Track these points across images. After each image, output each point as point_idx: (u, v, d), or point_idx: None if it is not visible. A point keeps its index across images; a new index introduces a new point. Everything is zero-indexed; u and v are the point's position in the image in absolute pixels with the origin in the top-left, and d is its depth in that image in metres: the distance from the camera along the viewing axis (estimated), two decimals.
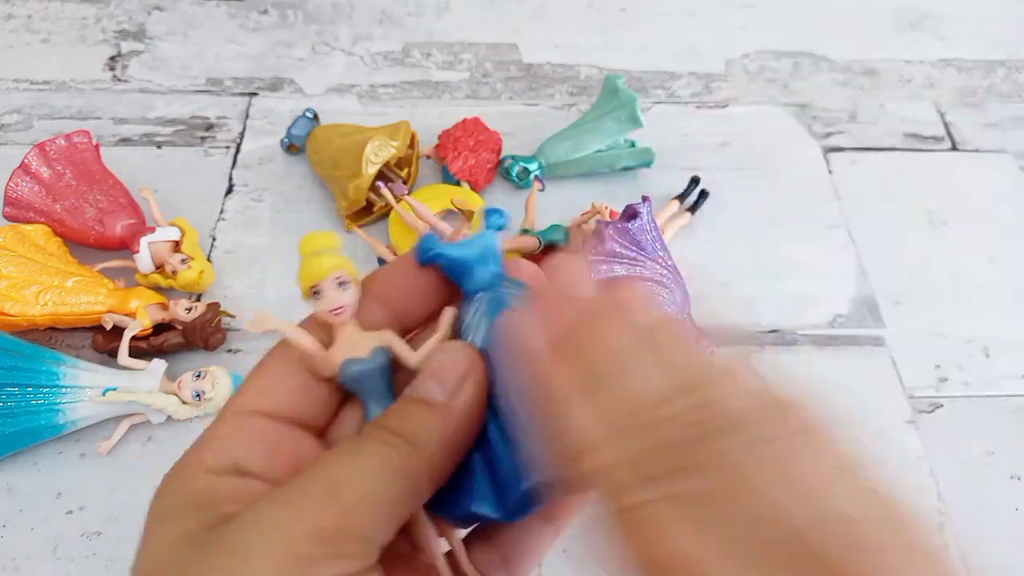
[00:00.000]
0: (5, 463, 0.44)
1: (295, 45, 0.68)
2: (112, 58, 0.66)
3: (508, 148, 0.59)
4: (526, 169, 0.57)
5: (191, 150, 0.60)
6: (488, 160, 0.57)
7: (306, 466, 0.17)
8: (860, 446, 0.14)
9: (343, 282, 0.20)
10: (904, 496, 0.13)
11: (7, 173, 0.51)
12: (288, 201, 0.57)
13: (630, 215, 0.47)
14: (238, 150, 0.60)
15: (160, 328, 0.48)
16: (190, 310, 0.48)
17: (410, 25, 0.70)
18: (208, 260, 0.53)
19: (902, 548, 0.13)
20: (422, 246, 0.21)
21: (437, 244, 0.21)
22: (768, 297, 0.53)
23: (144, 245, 0.50)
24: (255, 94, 0.64)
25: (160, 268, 0.50)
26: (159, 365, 0.46)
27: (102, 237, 0.51)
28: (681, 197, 0.57)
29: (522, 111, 0.64)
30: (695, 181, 0.57)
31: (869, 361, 0.51)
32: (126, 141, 0.60)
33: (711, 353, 0.17)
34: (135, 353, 0.46)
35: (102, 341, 0.48)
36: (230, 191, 0.58)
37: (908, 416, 0.48)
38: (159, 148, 0.60)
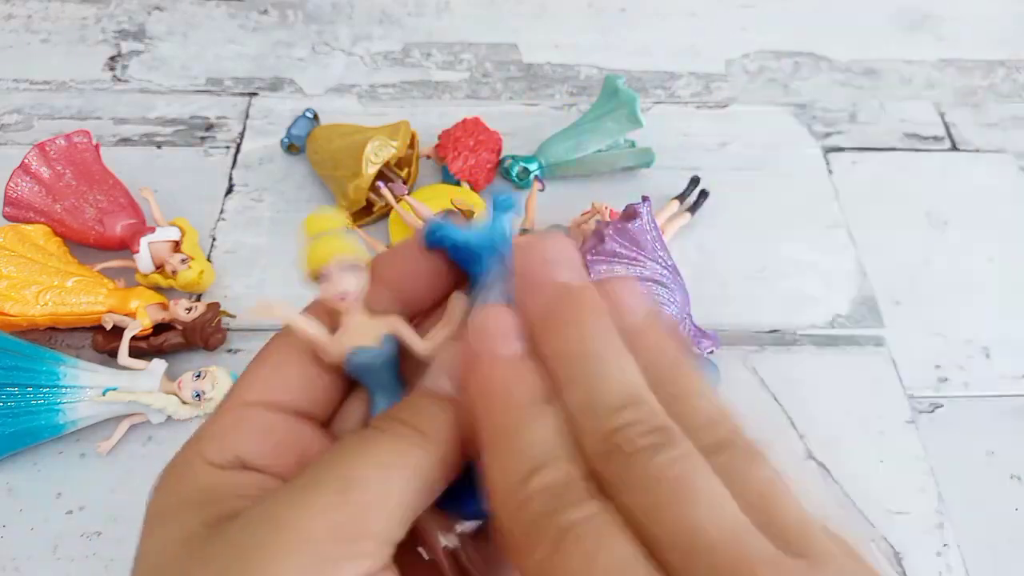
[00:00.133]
0: (5, 463, 0.44)
1: (295, 45, 0.68)
2: (112, 58, 0.66)
3: (508, 148, 0.59)
4: (526, 169, 0.57)
5: (191, 150, 0.60)
6: (488, 160, 0.57)
7: (314, 459, 0.17)
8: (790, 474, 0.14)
9: (350, 266, 0.19)
10: (853, 522, 0.14)
11: (7, 173, 0.51)
12: (288, 201, 0.57)
13: (630, 215, 0.47)
14: (238, 150, 0.60)
15: (160, 328, 0.48)
16: (190, 310, 0.48)
17: (410, 25, 0.70)
18: (208, 260, 0.53)
19: (845, 561, 0.13)
20: (433, 229, 0.20)
21: (444, 227, 0.20)
22: (768, 297, 0.53)
23: (144, 245, 0.50)
24: (255, 94, 0.64)
25: (160, 268, 0.50)
26: (159, 365, 0.46)
27: (102, 237, 0.51)
28: (681, 197, 0.57)
29: (522, 111, 0.64)
30: (695, 181, 0.57)
31: (869, 361, 0.51)
32: (126, 141, 0.60)
33: (692, 357, 0.16)
34: (135, 353, 0.46)
35: (102, 341, 0.48)
36: (230, 191, 0.58)
37: (908, 416, 0.48)
38: (159, 148, 0.60)
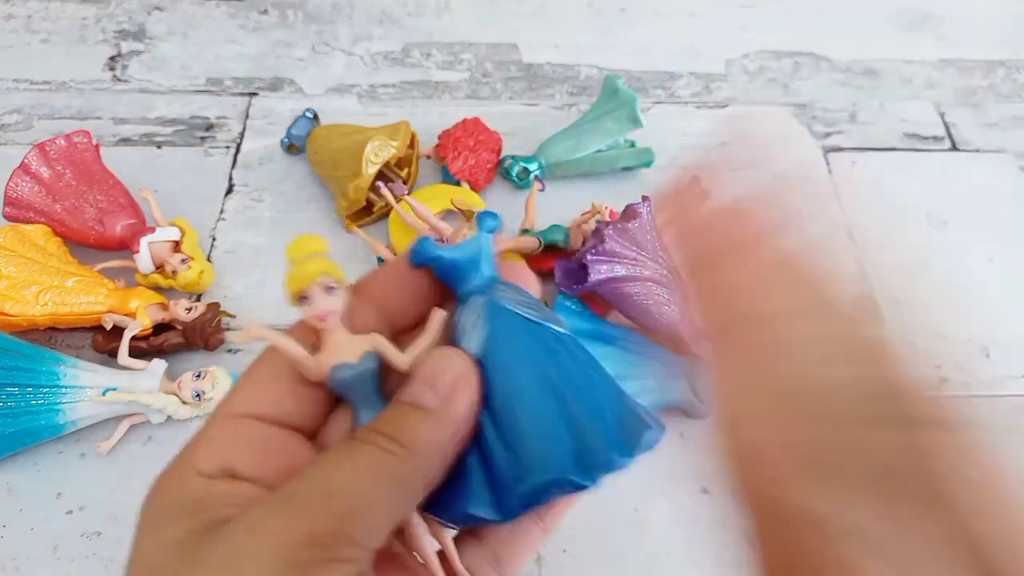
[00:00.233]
0: (5, 463, 0.44)
1: (295, 45, 0.68)
2: (112, 58, 0.66)
3: (508, 148, 0.59)
4: (526, 169, 0.57)
5: (191, 150, 0.60)
6: (488, 160, 0.57)
7: (299, 469, 0.17)
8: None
9: (330, 287, 0.20)
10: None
11: (7, 173, 0.51)
12: (288, 201, 0.57)
13: (630, 215, 0.47)
14: (238, 150, 0.60)
15: (160, 328, 0.48)
16: (190, 310, 0.48)
17: (410, 25, 0.70)
18: (208, 260, 0.53)
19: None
20: (418, 248, 0.21)
21: (433, 247, 0.21)
22: None
23: (144, 245, 0.50)
24: (255, 94, 0.64)
25: (160, 268, 0.50)
26: (159, 365, 0.46)
27: (102, 237, 0.51)
28: None
29: (522, 111, 0.64)
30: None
31: None
32: (126, 141, 0.60)
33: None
34: (135, 353, 0.46)
35: (102, 341, 0.48)
36: (230, 191, 0.58)
37: None
38: (159, 148, 0.60)
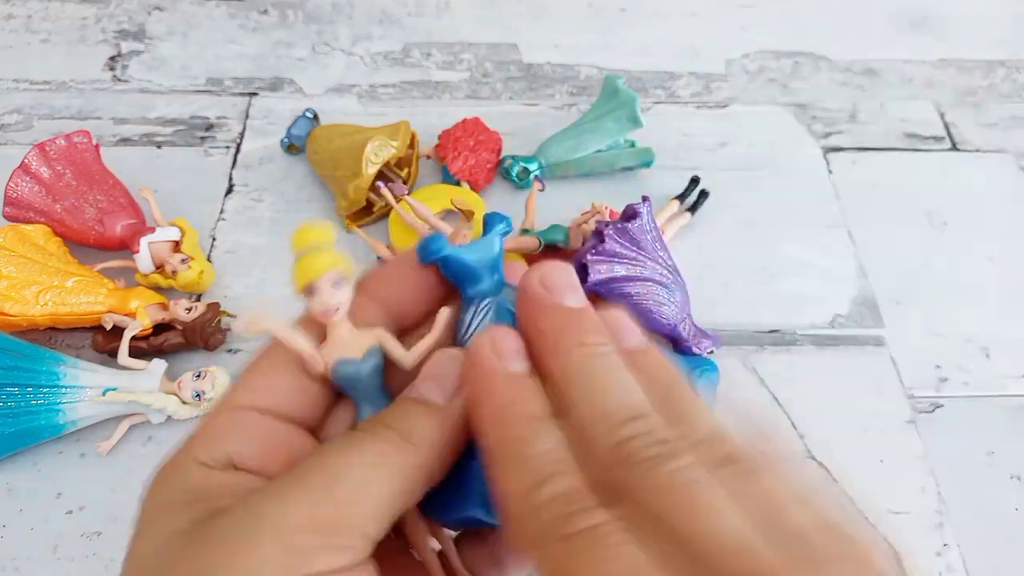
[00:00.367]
0: (5, 463, 0.44)
1: (295, 45, 0.68)
2: (112, 58, 0.66)
3: (508, 148, 0.59)
4: (526, 169, 0.57)
5: (191, 150, 0.60)
6: (488, 160, 0.57)
7: (301, 460, 0.17)
8: (814, 481, 0.14)
9: (338, 281, 0.19)
10: (856, 526, 0.13)
11: (7, 173, 0.51)
12: (288, 201, 0.57)
13: (630, 215, 0.47)
14: (238, 150, 0.60)
15: (160, 328, 0.48)
16: (190, 310, 0.48)
17: (410, 25, 0.70)
18: (208, 260, 0.53)
19: (848, 564, 0.13)
20: (431, 246, 0.20)
21: (445, 245, 0.20)
22: (768, 297, 0.53)
23: (144, 245, 0.50)
24: (255, 94, 0.64)
25: (160, 268, 0.50)
26: (159, 365, 0.46)
27: (102, 237, 0.51)
28: (681, 197, 0.57)
29: (522, 111, 0.64)
30: (695, 181, 0.57)
31: (869, 361, 0.51)
32: (126, 141, 0.60)
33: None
34: (135, 353, 0.46)
35: (102, 341, 0.48)
36: (230, 191, 0.58)
37: (908, 416, 0.48)
38: (159, 148, 0.60)
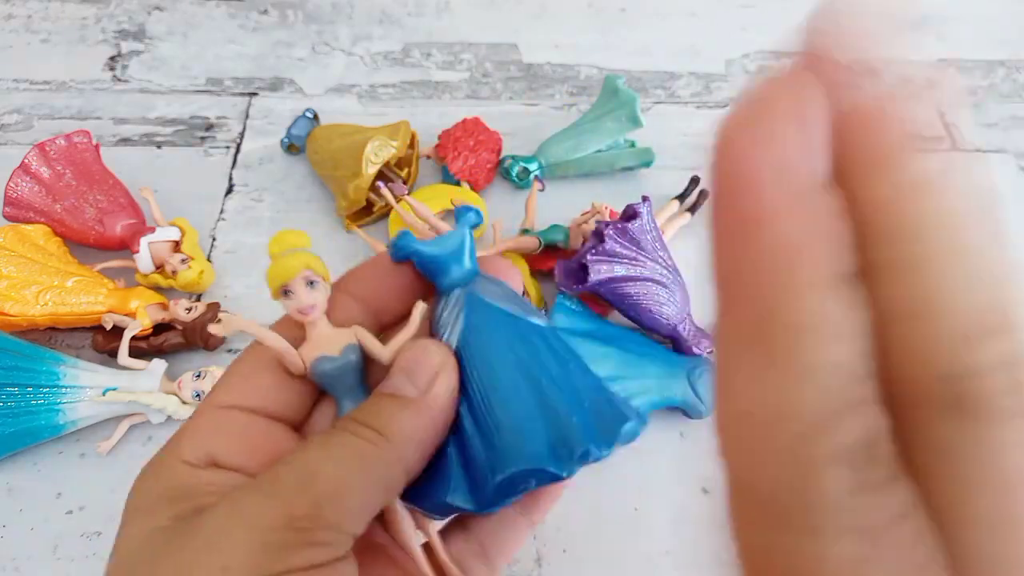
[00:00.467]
0: (5, 463, 0.44)
1: (295, 45, 0.68)
2: (112, 58, 0.66)
3: (508, 148, 0.59)
4: (526, 169, 0.57)
5: (191, 150, 0.60)
6: (488, 160, 0.57)
7: (283, 457, 0.17)
8: None
9: (312, 281, 0.20)
10: None
11: (7, 173, 0.51)
12: (288, 201, 0.57)
13: (630, 215, 0.47)
14: (238, 150, 0.60)
15: (160, 328, 0.48)
16: (190, 310, 0.48)
17: (410, 25, 0.70)
18: (208, 260, 0.53)
19: None
20: (397, 243, 0.21)
21: (412, 241, 0.21)
22: None
23: (144, 245, 0.50)
24: (255, 94, 0.64)
25: (160, 268, 0.50)
26: (159, 365, 0.46)
27: (102, 237, 0.51)
28: (681, 197, 0.57)
29: (522, 111, 0.64)
30: (695, 181, 0.57)
31: None
32: (126, 141, 0.60)
33: None
34: (135, 353, 0.46)
35: (102, 341, 0.48)
36: (230, 191, 0.58)
37: None
38: (159, 148, 0.60)
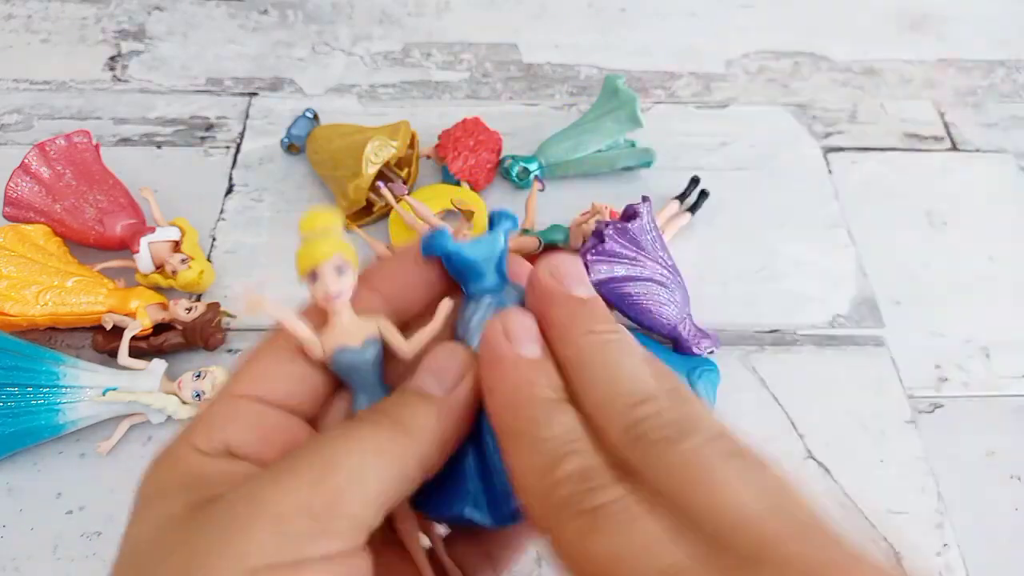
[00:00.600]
0: (5, 463, 0.44)
1: (295, 45, 0.68)
2: (112, 58, 0.66)
3: (508, 148, 0.59)
4: (526, 169, 0.57)
5: (191, 150, 0.60)
6: (488, 160, 0.57)
7: (298, 448, 0.17)
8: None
9: (341, 267, 0.19)
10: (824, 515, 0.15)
11: (7, 173, 0.51)
12: (288, 201, 0.57)
13: (630, 215, 0.47)
14: (238, 150, 0.60)
15: (160, 328, 0.48)
16: (190, 310, 0.48)
17: (410, 25, 0.70)
18: (208, 260, 0.53)
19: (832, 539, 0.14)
20: (435, 241, 0.20)
21: (450, 241, 0.20)
22: (768, 297, 0.53)
23: (144, 245, 0.50)
24: (255, 94, 0.64)
25: (160, 268, 0.50)
26: (159, 365, 0.46)
27: (102, 237, 0.51)
28: (681, 197, 0.57)
29: (522, 111, 0.64)
30: (695, 181, 0.57)
31: (869, 361, 0.51)
32: (126, 141, 0.60)
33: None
34: (135, 353, 0.46)
35: (102, 341, 0.48)
36: (230, 191, 0.58)
37: (908, 416, 0.48)
38: (159, 148, 0.60)
